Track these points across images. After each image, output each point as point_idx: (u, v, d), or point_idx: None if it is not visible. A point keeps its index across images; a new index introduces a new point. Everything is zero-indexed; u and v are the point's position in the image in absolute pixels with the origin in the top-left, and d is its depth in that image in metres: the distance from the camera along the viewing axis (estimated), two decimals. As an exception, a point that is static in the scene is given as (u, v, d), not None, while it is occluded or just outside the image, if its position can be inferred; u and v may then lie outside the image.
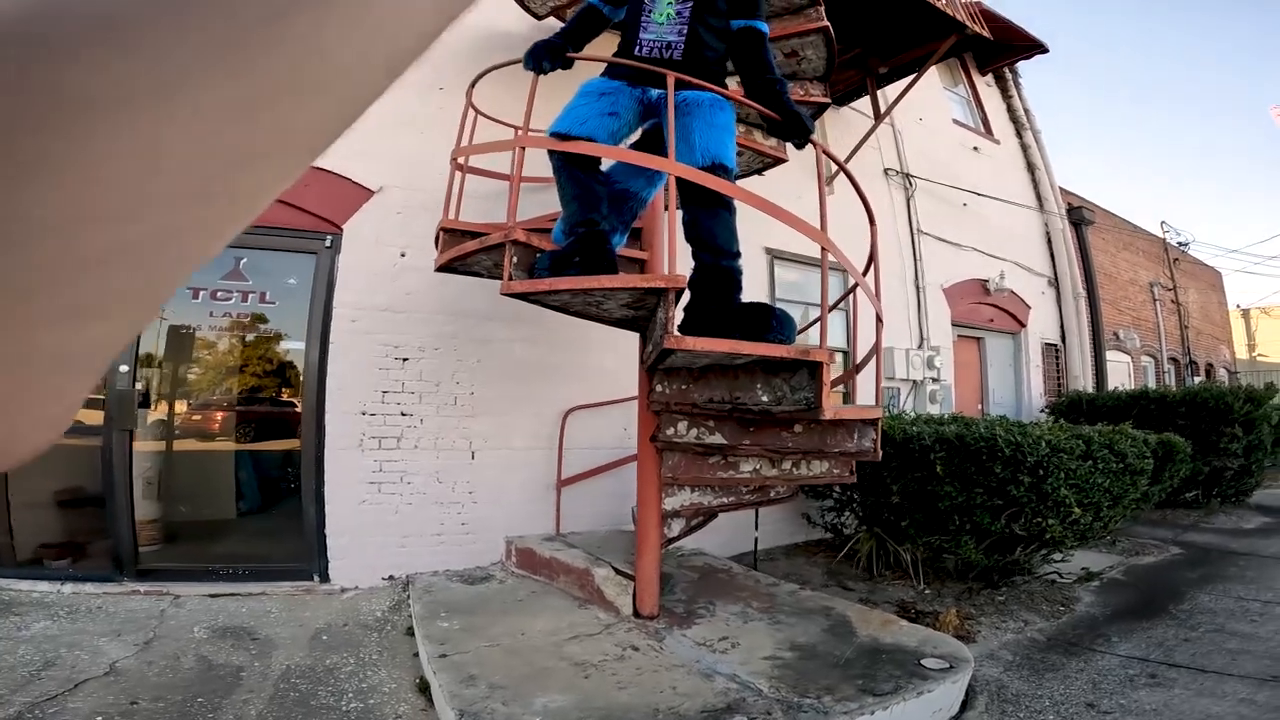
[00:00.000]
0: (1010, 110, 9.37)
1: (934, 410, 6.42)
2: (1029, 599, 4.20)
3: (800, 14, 4.10)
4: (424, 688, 2.80)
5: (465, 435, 4.26)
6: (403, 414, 4.10)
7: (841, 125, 6.58)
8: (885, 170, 7.05)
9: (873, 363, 3.24)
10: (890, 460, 4.07)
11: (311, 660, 3.02)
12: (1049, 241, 9.36)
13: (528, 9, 4.54)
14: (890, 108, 6.08)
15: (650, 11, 2.62)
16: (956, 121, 8.44)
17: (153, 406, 4.15)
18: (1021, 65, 9.15)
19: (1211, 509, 7.30)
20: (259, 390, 4.73)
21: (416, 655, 3.06)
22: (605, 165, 2.84)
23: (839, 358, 5.78)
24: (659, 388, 3.06)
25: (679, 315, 2.70)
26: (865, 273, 3.25)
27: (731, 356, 2.51)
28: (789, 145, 4.10)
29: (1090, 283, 9.89)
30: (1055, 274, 9.35)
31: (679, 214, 2.64)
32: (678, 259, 2.61)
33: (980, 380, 8.24)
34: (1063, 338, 9.38)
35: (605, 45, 3.06)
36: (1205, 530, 6.45)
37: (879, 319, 3.10)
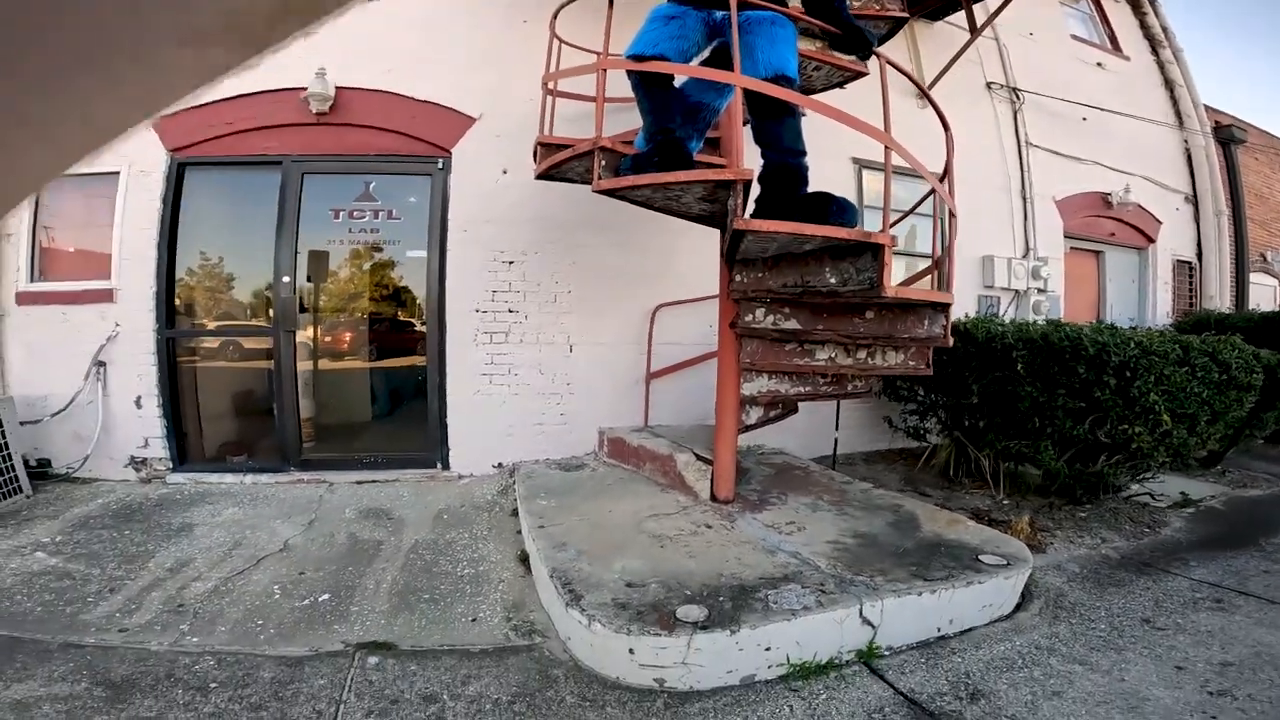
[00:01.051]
0: (1144, 27, 8.62)
1: (1038, 321, 6.25)
2: (1113, 518, 4.09)
3: (873, -72, 4.02)
4: (524, 559, 3.27)
5: (563, 331, 4.72)
6: (509, 310, 4.61)
7: (937, 40, 6.29)
8: (988, 84, 6.72)
9: (952, 260, 3.27)
10: (971, 360, 4.07)
11: (434, 535, 3.61)
12: (1189, 159, 8.61)
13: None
14: (986, 23, 5.81)
15: None
16: (1075, 37, 7.87)
17: (308, 312, 4.84)
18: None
19: (1336, 449, 6.53)
20: (392, 302, 5.34)
21: (519, 533, 3.54)
22: (678, 82, 3.03)
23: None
24: (738, 277, 3.29)
25: (751, 207, 2.91)
26: (944, 178, 3.28)
27: (798, 239, 2.69)
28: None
29: (1236, 201, 8.96)
30: (1195, 191, 8.57)
31: (748, 122, 2.81)
32: (747, 158, 2.79)
33: (1098, 294, 7.87)
34: (1199, 256, 8.65)
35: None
36: (1328, 471, 5.82)
37: (952, 215, 3.15)
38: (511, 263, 4.59)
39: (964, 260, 6.31)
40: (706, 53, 3.05)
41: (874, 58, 3.10)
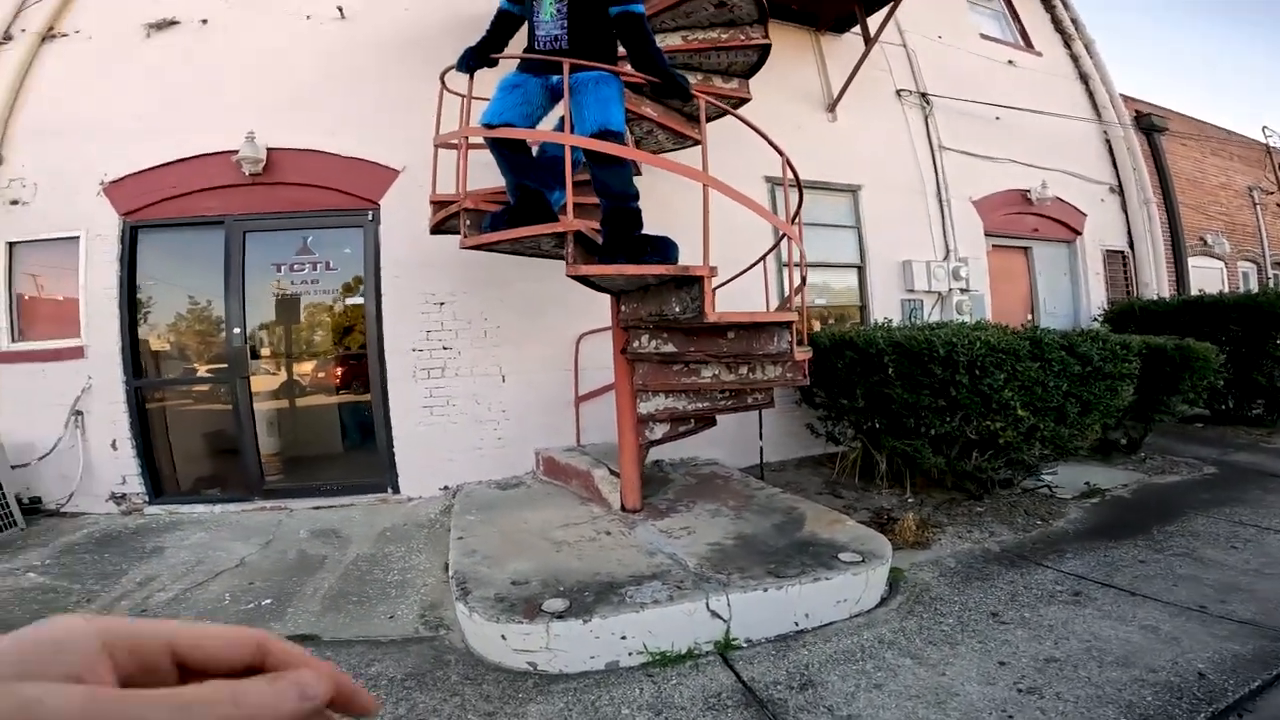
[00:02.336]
0: (1055, 21, 8.98)
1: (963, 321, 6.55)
2: (1009, 512, 4.15)
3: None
4: (449, 566, 3.55)
5: (495, 362, 5.12)
6: (444, 348, 5.02)
7: (850, 52, 6.57)
8: (898, 91, 7.08)
9: (793, 279, 3.67)
10: (857, 366, 4.39)
11: (374, 550, 4.02)
12: (1110, 150, 8.94)
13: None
14: (878, 33, 6.17)
15: (538, 12, 3.13)
16: (985, 36, 8.23)
17: (262, 359, 5.23)
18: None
19: (1277, 428, 6.57)
20: (340, 343, 5.72)
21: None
22: (537, 143, 3.43)
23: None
24: (623, 308, 3.66)
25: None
26: (794, 218, 3.66)
27: (633, 278, 3.13)
28: (749, 85, 4.51)
29: (1166, 188, 9.31)
30: (1119, 181, 8.91)
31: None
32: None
33: (1029, 290, 8.13)
34: (1130, 245, 8.97)
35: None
36: (1261, 450, 5.78)
37: (783, 234, 3.55)
38: (442, 303, 5.00)
39: (884, 266, 6.68)
40: (557, 111, 3.42)
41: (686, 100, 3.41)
